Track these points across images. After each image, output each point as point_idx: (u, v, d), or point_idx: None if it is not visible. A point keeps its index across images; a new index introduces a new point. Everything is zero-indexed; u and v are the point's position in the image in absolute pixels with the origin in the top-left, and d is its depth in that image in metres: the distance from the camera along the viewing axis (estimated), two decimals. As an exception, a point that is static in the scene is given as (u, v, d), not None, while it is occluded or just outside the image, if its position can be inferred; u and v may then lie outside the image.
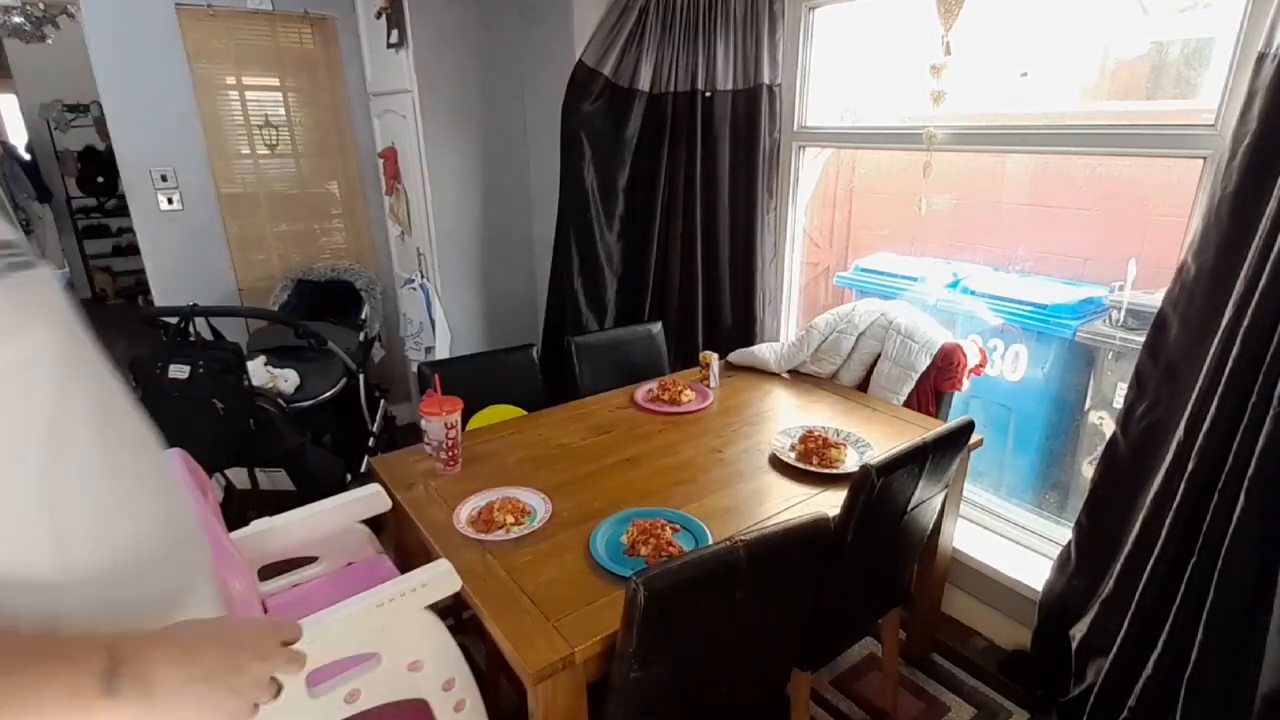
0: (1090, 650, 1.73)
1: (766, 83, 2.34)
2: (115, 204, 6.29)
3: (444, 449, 1.71)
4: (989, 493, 2.32)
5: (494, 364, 2.25)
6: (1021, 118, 2.11)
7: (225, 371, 2.15)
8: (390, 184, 3.23)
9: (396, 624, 1.19)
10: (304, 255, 3.38)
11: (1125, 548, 1.63)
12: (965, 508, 2.22)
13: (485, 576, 1.34)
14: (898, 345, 2.14)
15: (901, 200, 2.83)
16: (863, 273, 2.76)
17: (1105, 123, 1.86)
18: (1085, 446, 2.22)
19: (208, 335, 2.37)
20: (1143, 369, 1.60)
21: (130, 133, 2.87)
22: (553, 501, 1.57)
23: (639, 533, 1.41)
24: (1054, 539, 2.09)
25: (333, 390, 2.61)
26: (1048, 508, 2.26)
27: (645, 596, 1.04)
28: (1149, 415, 1.60)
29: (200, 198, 3.06)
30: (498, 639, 1.21)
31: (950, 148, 2.04)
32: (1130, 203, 2.16)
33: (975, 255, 2.61)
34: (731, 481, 1.68)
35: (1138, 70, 2.04)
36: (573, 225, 2.76)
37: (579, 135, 2.63)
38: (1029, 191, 2.45)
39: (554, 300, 2.99)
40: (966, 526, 2.24)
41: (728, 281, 2.62)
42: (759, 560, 1.15)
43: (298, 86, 3.17)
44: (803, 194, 2.58)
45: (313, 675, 1.14)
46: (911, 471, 1.41)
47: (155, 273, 3.05)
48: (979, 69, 2.09)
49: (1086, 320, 2.13)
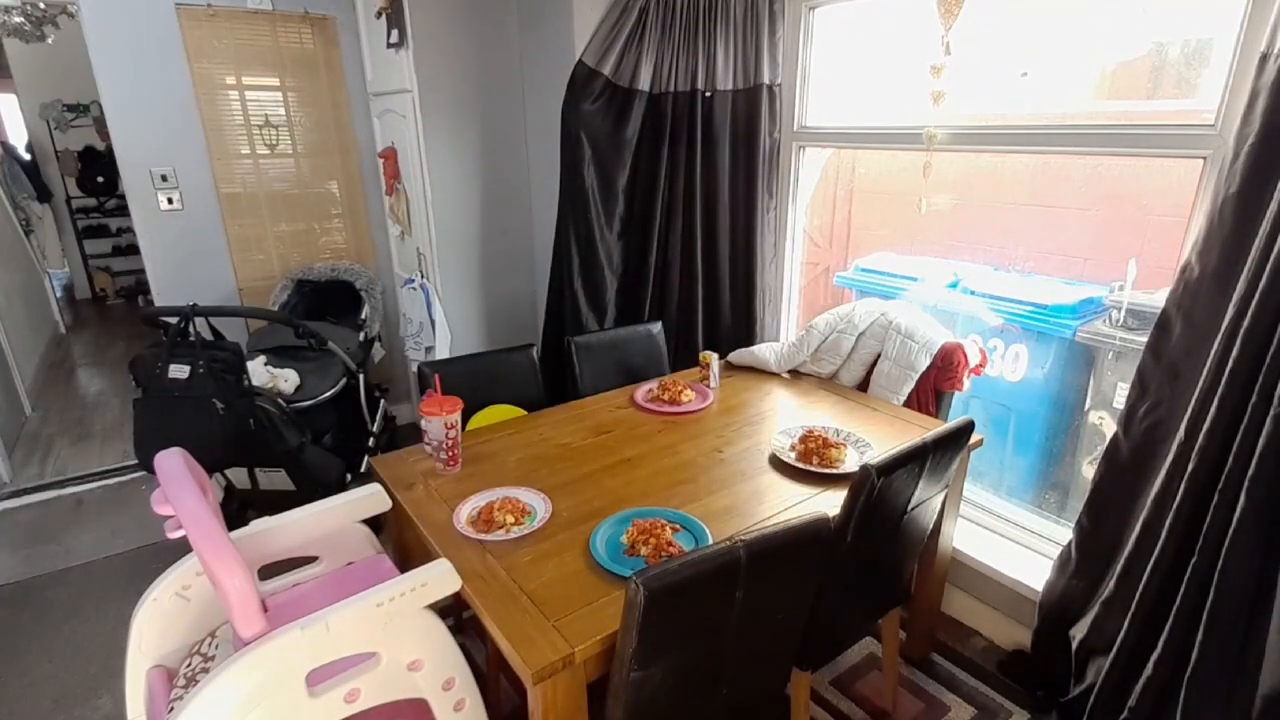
0: (1090, 650, 1.73)
1: (766, 83, 2.34)
2: (115, 204, 6.29)
3: (444, 449, 1.71)
4: (989, 493, 2.31)
5: (494, 364, 2.25)
6: (1021, 118, 2.11)
7: (225, 371, 2.15)
8: (390, 184, 3.23)
9: (396, 623, 1.19)
10: (304, 255, 3.38)
11: (1126, 548, 1.63)
12: (965, 508, 2.22)
13: (485, 576, 1.34)
14: (898, 345, 2.14)
15: (901, 200, 2.82)
16: (863, 273, 2.76)
17: (1105, 123, 1.86)
18: (1085, 446, 2.22)
19: (208, 335, 2.37)
20: (1145, 369, 1.60)
21: (130, 132, 2.87)
22: (553, 501, 1.57)
23: (639, 533, 1.41)
24: (1054, 539, 2.09)
25: (333, 390, 2.60)
26: (1048, 508, 2.25)
27: (645, 596, 1.04)
28: (1151, 415, 1.60)
29: (200, 197, 3.06)
30: (497, 639, 1.21)
31: (950, 148, 2.04)
32: (1130, 203, 2.16)
33: (975, 255, 2.61)
34: (732, 481, 1.68)
35: (1138, 70, 2.04)
36: (573, 225, 2.76)
37: (579, 135, 2.63)
38: (1029, 191, 2.45)
39: (554, 300, 2.99)
40: (966, 526, 2.24)
41: (728, 281, 2.62)
42: (759, 560, 1.15)
43: (298, 86, 3.18)
44: (803, 194, 2.58)
45: (313, 675, 1.14)
46: (911, 471, 1.41)
47: (155, 272, 3.05)
48: (979, 69, 2.09)
49: (1086, 320, 2.13)
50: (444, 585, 1.23)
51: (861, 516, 1.36)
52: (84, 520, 2.88)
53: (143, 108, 2.86)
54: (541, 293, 3.17)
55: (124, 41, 2.77)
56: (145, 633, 1.38)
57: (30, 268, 5.12)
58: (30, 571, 2.55)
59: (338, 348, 2.61)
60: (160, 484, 1.22)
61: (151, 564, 2.56)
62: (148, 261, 3.04)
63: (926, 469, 1.45)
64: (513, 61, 3.00)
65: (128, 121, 2.85)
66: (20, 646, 2.19)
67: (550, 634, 1.18)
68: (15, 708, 1.96)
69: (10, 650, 2.17)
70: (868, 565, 1.51)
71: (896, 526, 1.50)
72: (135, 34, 2.78)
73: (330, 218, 3.44)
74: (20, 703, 1.98)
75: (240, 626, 1.11)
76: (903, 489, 1.43)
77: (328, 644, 1.13)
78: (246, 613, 1.11)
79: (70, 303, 6.36)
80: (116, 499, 3.04)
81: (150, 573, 1.42)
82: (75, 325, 5.81)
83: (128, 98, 2.83)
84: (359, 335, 2.95)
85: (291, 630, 1.10)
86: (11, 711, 1.95)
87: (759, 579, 1.17)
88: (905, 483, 1.42)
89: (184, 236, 3.06)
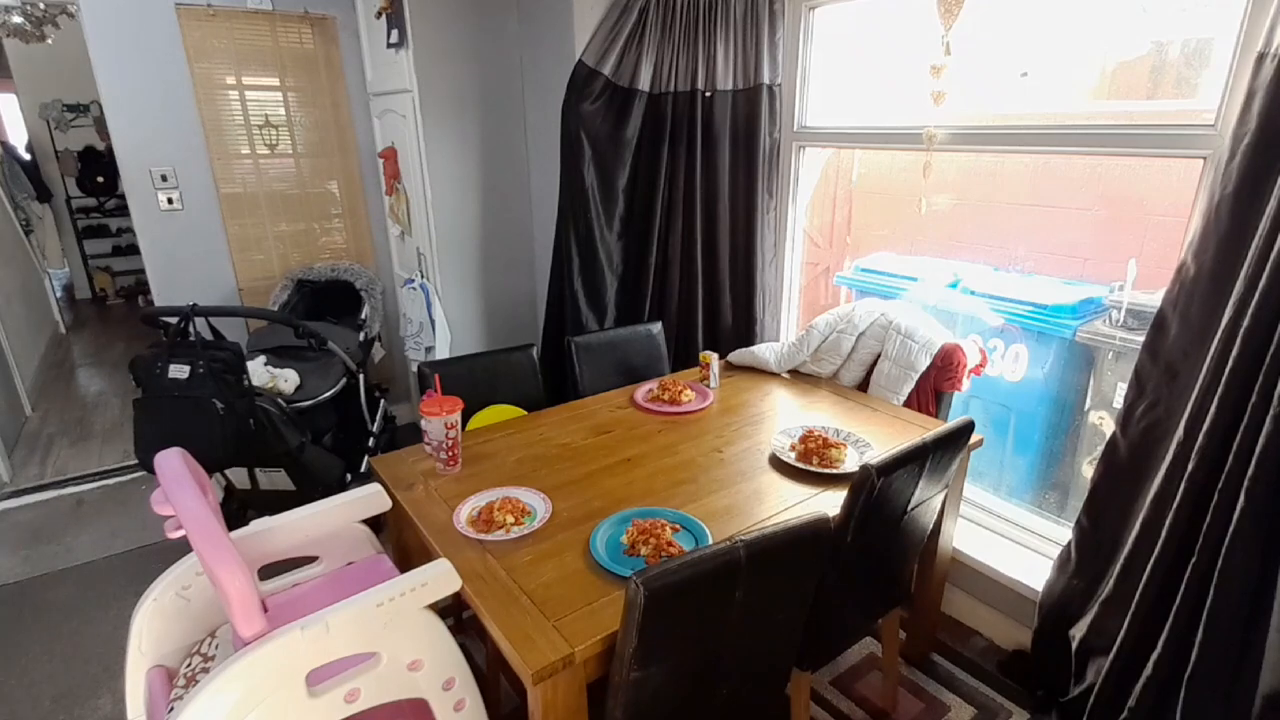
0: (1090, 650, 1.73)
1: (766, 82, 2.34)
2: (115, 204, 6.29)
3: (444, 449, 1.71)
4: (989, 492, 2.31)
5: (494, 364, 2.25)
6: (1021, 118, 2.11)
7: (225, 371, 2.15)
8: (390, 184, 3.23)
9: (396, 623, 1.19)
10: (304, 255, 3.38)
11: (1125, 548, 1.63)
12: (965, 508, 2.22)
13: (485, 576, 1.34)
14: (898, 345, 2.14)
15: (901, 200, 2.83)
16: (863, 273, 2.76)
17: (1105, 123, 1.86)
18: (1085, 446, 2.22)
19: (207, 335, 2.37)
20: (1142, 369, 1.60)
21: (130, 132, 2.87)
22: (553, 501, 1.57)
23: (639, 533, 1.41)
24: (1054, 539, 2.09)
25: (333, 390, 2.61)
26: (1047, 508, 2.26)
27: (646, 596, 1.04)
28: (1148, 415, 1.61)
29: (200, 197, 3.06)
30: (497, 639, 1.21)
31: (950, 148, 2.04)
32: (1130, 203, 2.16)
33: (975, 255, 2.61)
34: (732, 481, 1.68)
35: (1138, 70, 2.04)
36: (573, 225, 2.76)
37: (579, 135, 2.64)
38: (1029, 191, 2.45)
39: (554, 300, 2.99)
40: (966, 526, 2.24)
41: (728, 281, 2.62)
42: (759, 560, 1.15)
43: (298, 86, 3.18)
44: (803, 194, 2.58)
45: (313, 675, 1.14)
46: (911, 471, 1.41)
47: (155, 272, 3.05)
48: (979, 69, 2.09)
49: (1086, 320, 2.13)
50: (444, 585, 1.23)
51: (861, 517, 1.36)
52: (84, 520, 2.88)
53: (143, 107, 2.86)
54: (541, 292, 3.17)
55: (124, 41, 2.77)
56: (145, 632, 1.38)
57: (30, 268, 5.12)
58: (30, 571, 2.55)
59: (338, 348, 2.61)
60: (160, 484, 1.22)
61: (152, 564, 2.56)
62: (148, 261, 3.04)
63: (927, 469, 1.45)
64: (513, 61, 3.00)
65: (128, 121, 2.86)
66: (20, 646, 2.19)
67: (550, 634, 1.18)
68: (15, 708, 1.96)
69: (10, 650, 2.18)
70: (868, 565, 1.51)
71: (897, 527, 1.50)
72: (135, 34, 2.79)
73: (330, 218, 3.44)
74: (20, 703, 1.98)
75: (240, 626, 1.11)
76: (903, 489, 1.43)
77: (328, 644, 1.13)
78: (246, 612, 1.11)
79: (70, 303, 6.36)
80: (117, 499, 3.04)
81: (150, 573, 1.43)
82: (75, 325, 5.81)
83: (128, 97, 2.83)
84: (359, 335, 2.95)
85: (292, 630, 1.10)
86: (12, 712, 1.95)
87: (759, 579, 1.17)
88: (905, 483, 1.42)
89: (184, 236, 3.06)
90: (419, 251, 3.15)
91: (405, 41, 2.71)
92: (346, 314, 3.15)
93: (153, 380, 2.12)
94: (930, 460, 1.44)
